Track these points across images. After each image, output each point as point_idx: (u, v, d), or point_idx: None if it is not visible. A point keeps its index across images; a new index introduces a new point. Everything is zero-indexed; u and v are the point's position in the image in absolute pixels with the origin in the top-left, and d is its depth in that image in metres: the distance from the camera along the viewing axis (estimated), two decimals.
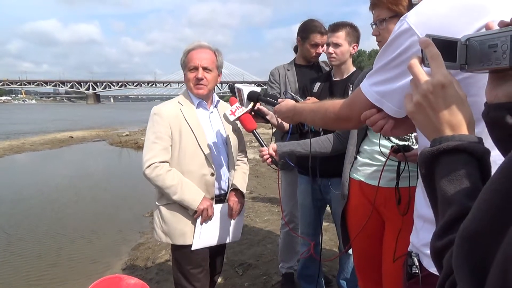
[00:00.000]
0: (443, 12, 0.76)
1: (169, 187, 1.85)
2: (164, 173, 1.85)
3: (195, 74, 1.93)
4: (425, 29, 0.75)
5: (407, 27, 0.79)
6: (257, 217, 4.73)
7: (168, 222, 1.94)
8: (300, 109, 1.27)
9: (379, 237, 1.63)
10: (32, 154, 11.36)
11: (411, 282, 0.91)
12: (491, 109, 0.64)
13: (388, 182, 1.50)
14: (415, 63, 0.63)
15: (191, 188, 1.90)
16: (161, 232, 1.97)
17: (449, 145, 0.56)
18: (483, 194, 0.44)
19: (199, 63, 1.92)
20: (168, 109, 1.96)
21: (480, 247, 0.42)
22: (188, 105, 2.00)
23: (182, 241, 1.93)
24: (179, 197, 1.86)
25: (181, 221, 1.93)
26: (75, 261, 3.80)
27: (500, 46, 0.59)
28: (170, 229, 1.94)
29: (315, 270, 2.59)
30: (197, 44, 1.98)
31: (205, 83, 1.96)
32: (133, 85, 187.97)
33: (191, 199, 1.88)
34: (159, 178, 1.85)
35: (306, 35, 2.57)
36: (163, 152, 1.89)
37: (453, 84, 0.60)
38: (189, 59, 1.94)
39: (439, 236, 0.52)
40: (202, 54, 1.95)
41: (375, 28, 1.46)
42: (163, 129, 1.90)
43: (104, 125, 22.38)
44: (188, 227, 1.93)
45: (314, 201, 2.43)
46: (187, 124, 1.93)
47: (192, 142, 1.93)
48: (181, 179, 1.88)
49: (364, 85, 0.93)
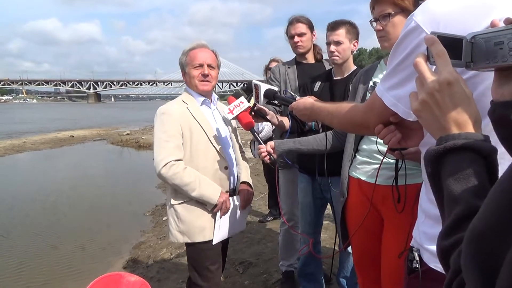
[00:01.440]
0: (451, 9, 0.75)
1: (188, 184, 1.86)
2: (181, 170, 1.86)
3: (200, 71, 1.97)
4: (433, 26, 0.74)
5: (414, 25, 0.78)
6: (257, 215, 4.74)
7: (186, 220, 1.94)
8: (317, 110, 1.28)
9: (377, 234, 1.64)
10: (33, 153, 11.39)
11: (412, 277, 0.92)
12: (497, 107, 0.63)
13: (386, 180, 1.51)
14: (420, 61, 0.63)
15: (208, 183, 1.93)
16: (178, 232, 1.96)
17: (455, 144, 0.55)
18: (491, 195, 0.44)
19: (204, 61, 1.97)
20: (175, 108, 1.98)
21: (489, 247, 0.42)
22: (193, 103, 2.03)
23: (202, 238, 1.94)
24: (199, 193, 1.88)
25: (200, 218, 1.95)
26: (76, 259, 3.82)
27: (506, 43, 0.58)
28: (189, 227, 1.94)
29: (315, 268, 2.60)
30: (199, 43, 2.03)
31: (210, 80, 2.01)
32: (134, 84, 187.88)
33: (211, 193, 1.91)
34: (176, 176, 1.85)
35: (286, 29, 2.68)
36: (176, 150, 1.90)
37: (459, 82, 0.59)
38: (192, 57, 1.98)
39: (446, 235, 0.51)
40: (204, 53, 2.00)
41: (377, 23, 1.46)
42: (174, 127, 1.91)
43: (104, 124, 22.40)
44: (208, 222, 1.96)
45: (315, 200, 2.44)
46: (196, 121, 1.96)
47: (203, 139, 1.96)
48: (198, 176, 1.90)
49: (379, 89, 0.92)
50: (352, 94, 1.79)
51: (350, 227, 1.78)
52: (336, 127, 1.57)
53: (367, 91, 1.69)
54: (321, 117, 1.27)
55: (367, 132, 1.27)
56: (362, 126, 1.05)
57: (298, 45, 2.60)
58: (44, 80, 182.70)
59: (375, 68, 1.73)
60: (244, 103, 1.89)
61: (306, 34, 2.60)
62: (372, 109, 0.98)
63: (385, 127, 0.98)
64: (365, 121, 1.01)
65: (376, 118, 0.97)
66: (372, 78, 1.70)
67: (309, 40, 2.63)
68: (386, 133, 0.97)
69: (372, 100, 0.98)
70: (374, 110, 0.97)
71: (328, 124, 1.36)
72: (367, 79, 1.72)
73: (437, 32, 0.64)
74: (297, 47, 2.62)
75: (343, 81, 2.24)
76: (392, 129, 0.96)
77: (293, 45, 2.64)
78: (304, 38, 2.59)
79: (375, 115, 0.97)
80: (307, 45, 2.63)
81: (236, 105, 1.87)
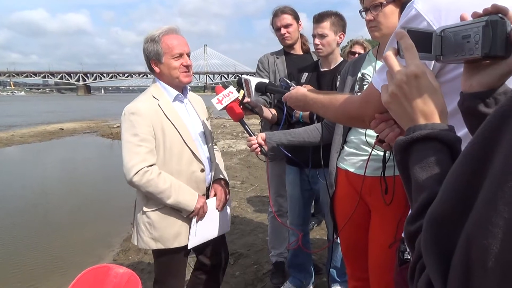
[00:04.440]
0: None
1: (163, 192, 1.73)
2: (155, 177, 1.71)
3: (181, 62, 1.79)
4: (435, 15, 0.74)
5: (415, 13, 0.78)
6: (248, 207, 4.76)
7: (160, 227, 1.82)
8: (310, 102, 1.26)
9: (365, 226, 1.65)
10: (21, 146, 11.22)
11: (403, 268, 0.93)
12: (465, 99, 0.66)
13: (374, 171, 1.52)
14: (389, 54, 0.64)
15: (184, 189, 1.80)
16: (150, 239, 1.84)
17: (421, 134, 0.57)
18: (447, 179, 0.46)
19: (184, 50, 1.79)
20: (145, 106, 1.77)
21: (445, 230, 0.44)
22: (165, 99, 1.83)
23: (177, 244, 1.84)
24: (174, 200, 1.75)
25: (175, 224, 1.84)
26: (66, 253, 3.80)
27: (472, 37, 0.60)
28: (163, 234, 1.82)
29: (305, 259, 2.63)
30: (172, 27, 1.82)
31: (191, 70, 1.85)
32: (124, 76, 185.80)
33: (187, 200, 1.79)
34: (150, 183, 1.70)
35: (271, 21, 2.66)
36: (149, 155, 1.73)
37: (426, 74, 0.61)
38: (169, 46, 1.76)
39: (411, 221, 0.54)
40: (180, 40, 1.80)
41: (368, 13, 1.45)
42: (146, 129, 1.73)
43: (95, 116, 22.15)
44: (183, 228, 1.85)
45: (303, 192, 2.45)
46: (169, 121, 1.79)
47: (177, 140, 1.80)
48: (173, 182, 1.77)
49: (376, 81, 0.91)
50: (341, 85, 1.79)
51: (338, 218, 1.79)
52: (330, 119, 1.56)
53: (355, 82, 1.70)
54: (315, 109, 1.26)
55: (362, 125, 1.22)
56: (357, 119, 1.04)
57: (285, 37, 2.59)
58: (32, 72, 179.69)
59: (364, 60, 1.73)
60: (234, 93, 1.84)
61: (292, 25, 2.58)
62: (368, 101, 0.96)
63: (381, 121, 0.95)
64: (360, 113, 1.00)
65: (372, 110, 0.95)
66: (361, 69, 1.70)
67: (296, 31, 2.62)
68: (383, 128, 0.95)
69: (368, 91, 0.97)
70: (370, 103, 0.95)
71: (322, 116, 1.36)
72: (356, 70, 1.72)
73: (407, 26, 0.66)
74: (284, 39, 2.61)
75: (330, 73, 2.24)
76: (391, 124, 0.94)
77: (280, 37, 2.62)
78: (291, 29, 2.58)
79: (371, 108, 0.95)
80: (294, 36, 2.62)
81: (225, 95, 1.83)
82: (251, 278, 2.97)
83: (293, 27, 2.58)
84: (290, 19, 2.57)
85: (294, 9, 2.61)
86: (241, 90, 1.90)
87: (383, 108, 0.92)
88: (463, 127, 0.69)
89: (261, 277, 2.98)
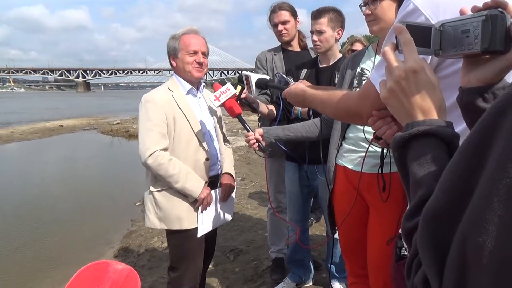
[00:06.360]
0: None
1: (171, 176, 1.87)
2: (166, 162, 1.87)
3: (195, 58, 1.97)
4: (433, 9, 0.73)
5: (413, 7, 0.77)
6: (248, 203, 4.77)
7: (164, 207, 1.96)
8: (309, 98, 1.25)
9: (363, 222, 1.65)
10: (22, 143, 11.23)
11: (400, 264, 0.93)
12: (464, 94, 0.65)
13: (371, 168, 1.51)
14: (387, 50, 0.64)
15: (192, 176, 1.94)
16: (155, 218, 1.98)
17: (419, 130, 0.57)
18: (443, 176, 0.46)
19: (199, 48, 1.97)
20: (160, 95, 1.96)
21: (441, 226, 0.44)
22: (179, 92, 2.01)
23: (178, 226, 1.96)
24: (182, 185, 1.90)
25: (176, 207, 1.96)
26: (66, 250, 3.81)
27: (472, 31, 0.59)
28: (166, 214, 1.96)
29: (304, 255, 2.63)
30: (192, 28, 2.02)
31: (204, 67, 2.02)
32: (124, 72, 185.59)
33: (193, 187, 1.93)
34: (161, 167, 1.86)
35: (269, 18, 2.65)
36: (162, 138, 1.89)
37: (424, 69, 0.60)
38: (186, 43, 1.96)
39: (409, 217, 0.53)
40: (198, 39, 2.00)
41: (366, 7, 1.44)
42: (159, 116, 1.90)
43: (94, 113, 22.15)
44: (183, 212, 1.96)
45: (302, 188, 2.45)
46: (181, 111, 1.95)
47: (186, 128, 1.95)
48: (182, 168, 1.91)
49: (373, 77, 0.90)
50: (340, 80, 1.78)
51: (337, 214, 1.79)
52: (329, 115, 1.55)
53: (354, 77, 1.69)
54: (314, 105, 1.25)
55: (360, 122, 1.20)
56: (355, 115, 1.03)
57: (283, 33, 2.58)
58: (31, 68, 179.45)
59: (363, 54, 1.72)
60: (231, 89, 1.86)
61: (290, 21, 2.56)
62: (366, 97, 0.95)
63: (379, 118, 0.94)
64: (358, 110, 0.99)
65: (370, 106, 0.94)
66: (360, 64, 1.69)
67: (293, 27, 2.61)
68: (381, 125, 0.94)
69: (366, 87, 0.96)
70: (368, 99, 0.94)
71: (321, 112, 1.34)
72: (355, 65, 1.71)
73: (406, 21, 0.65)
74: (282, 35, 2.59)
75: (329, 69, 2.23)
76: (389, 121, 0.92)
77: (277, 33, 2.61)
78: (288, 26, 2.56)
79: (370, 104, 0.94)
80: (291, 33, 2.60)
81: (223, 92, 1.85)
82: (250, 274, 2.98)
83: (290, 23, 2.57)
84: (287, 15, 2.55)
85: (292, 5, 2.59)
86: (238, 86, 1.90)
87: (381, 104, 0.91)
88: (461, 122, 0.68)
89: (260, 273, 2.98)
